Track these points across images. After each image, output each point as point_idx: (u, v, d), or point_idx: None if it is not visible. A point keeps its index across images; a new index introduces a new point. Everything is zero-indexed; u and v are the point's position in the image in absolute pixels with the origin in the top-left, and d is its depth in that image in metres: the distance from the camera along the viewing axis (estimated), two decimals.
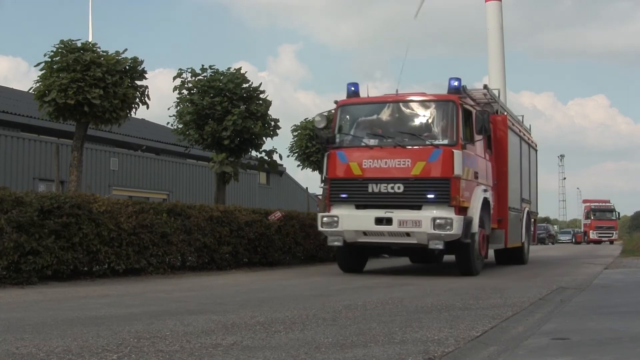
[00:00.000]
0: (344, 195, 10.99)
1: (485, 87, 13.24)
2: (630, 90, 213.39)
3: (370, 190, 10.70)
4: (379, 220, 10.54)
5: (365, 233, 10.74)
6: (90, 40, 12.27)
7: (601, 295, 8.22)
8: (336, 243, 11.02)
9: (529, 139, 16.48)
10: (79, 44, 11.96)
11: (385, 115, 11.45)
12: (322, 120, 11.42)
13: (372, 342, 4.46)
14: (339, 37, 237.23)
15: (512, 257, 14.87)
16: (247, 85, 14.91)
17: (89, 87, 11.47)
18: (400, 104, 11.29)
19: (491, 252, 13.78)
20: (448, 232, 10.20)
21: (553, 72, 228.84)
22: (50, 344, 4.22)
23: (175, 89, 14.91)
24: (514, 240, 13.96)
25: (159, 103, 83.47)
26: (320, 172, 15.92)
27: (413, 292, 8.11)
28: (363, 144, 11.09)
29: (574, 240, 60.31)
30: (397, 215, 10.42)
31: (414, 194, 10.52)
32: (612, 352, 4.31)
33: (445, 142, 10.59)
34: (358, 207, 10.90)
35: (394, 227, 10.42)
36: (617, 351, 4.33)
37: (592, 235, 54.48)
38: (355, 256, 11.94)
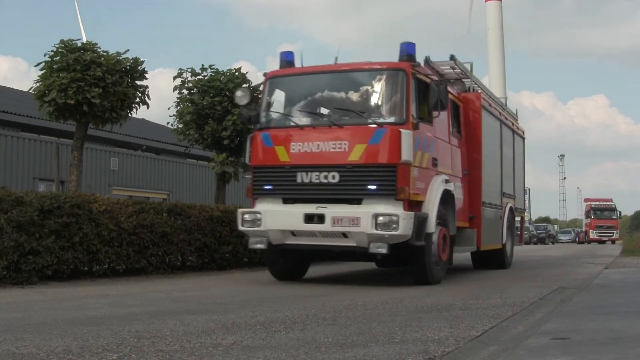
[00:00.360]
0: (268, 187, 9.12)
1: (453, 58, 11.15)
2: (630, 90, 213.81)
3: (299, 180, 8.81)
4: (309, 218, 8.64)
5: (293, 233, 8.85)
6: (83, 40, 12.30)
7: (601, 295, 8.22)
8: (259, 246, 9.08)
9: (513, 124, 14.43)
10: (79, 44, 11.98)
11: (320, 88, 9.48)
12: (245, 96, 9.49)
13: (372, 342, 4.46)
14: (339, 37, 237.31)
15: (491, 260, 12.86)
16: (247, 85, 14.93)
17: (88, 86, 11.49)
18: (339, 75, 9.43)
19: (467, 255, 12.66)
20: (393, 233, 8.25)
21: (553, 72, 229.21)
22: (50, 344, 4.22)
23: (175, 88, 14.93)
24: (491, 241, 12.06)
25: (159, 103, 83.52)
26: (244, 159, 13.17)
27: (413, 292, 8.11)
28: (292, 124, 9.14)
29: (577, 240, 59.73)
30: (330, 211, 8.54)
31: (352, 184, 8.61)
32: (612, 352, 4.30)
33: (392, 120, 8.63)
34: (286, 201, 9.02)
35: (326, 226, 8.52)
36: (617, 351, 4.33)
37: (592, 234, 54.12)
38: (290, 259, 9.91)
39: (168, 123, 16.08)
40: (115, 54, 12.12)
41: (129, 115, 12.70)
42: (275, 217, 8.93)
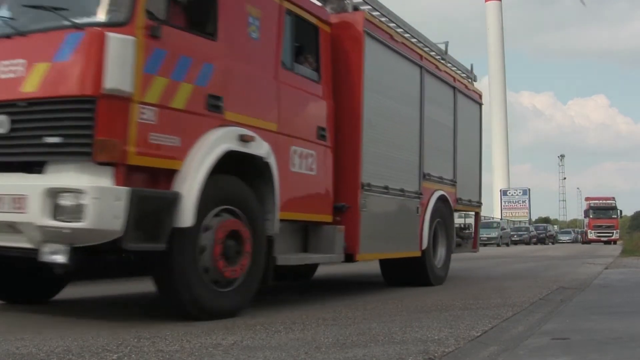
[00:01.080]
0: None
1: None
2: (630, 90, 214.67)
3: None
4: None
5: None
6: None
7: (601, 295, 8.22)
8: None
9: (455, 80, 10.44)
10: None
11: None
12: None
13: (372, 342, 4.46)
14: None
15: (407, 272, 9.08)
16: None
17: None
18: None
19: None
20: (76, 225, 4.58)
21: (553, 72, 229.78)
22: (50, 344, 4.22)
23: None
24: (392, 247, 8.31)
25: None
26: None
27: (413, 292, 8.11)
28: None
29: (581, 240, 59.02)
30: None
31: (27, 136, 4.93)
32: (612, 352, 4.31)
33: (101, 19, 4.91)
34: None
35: None
36: (617, 351, 4.33)
37: (591, 235, 53.42)
38: (16, 272, 6.13)
39: None
40: None
41: None
42: None
